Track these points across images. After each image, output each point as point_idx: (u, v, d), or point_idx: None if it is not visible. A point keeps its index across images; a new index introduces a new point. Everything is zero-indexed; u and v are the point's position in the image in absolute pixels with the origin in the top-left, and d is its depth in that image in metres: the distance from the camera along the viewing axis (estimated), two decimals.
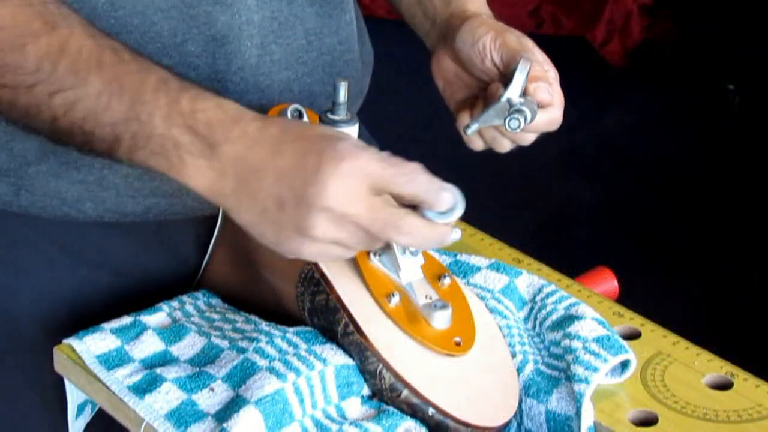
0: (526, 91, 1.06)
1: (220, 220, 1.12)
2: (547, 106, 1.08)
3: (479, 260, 1.12)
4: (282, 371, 0.95)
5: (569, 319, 1.04)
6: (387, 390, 0.96)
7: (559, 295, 1.08)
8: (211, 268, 1.15)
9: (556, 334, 1.03)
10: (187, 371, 0.99)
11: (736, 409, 0.99)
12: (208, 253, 1.14)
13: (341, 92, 1.02)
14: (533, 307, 1.08)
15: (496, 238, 1.21)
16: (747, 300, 2.67)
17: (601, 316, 1.05)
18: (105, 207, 1.11)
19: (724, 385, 1.02)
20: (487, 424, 0.96)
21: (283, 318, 1.04)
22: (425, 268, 1.02)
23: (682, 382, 1.02)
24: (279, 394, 0.94)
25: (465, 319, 1.01)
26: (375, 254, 1.01)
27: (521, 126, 1.04)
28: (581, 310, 1.05)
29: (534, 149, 1.15)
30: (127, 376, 0.99)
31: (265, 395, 0.94)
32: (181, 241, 1.16)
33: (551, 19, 3.80)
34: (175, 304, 1.08)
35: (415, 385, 0.95)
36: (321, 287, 1.00)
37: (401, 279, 1.01)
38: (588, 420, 0.96)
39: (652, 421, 0.98)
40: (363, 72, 1.25)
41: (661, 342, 1.07)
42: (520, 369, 1.01)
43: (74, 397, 1.06)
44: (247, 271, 1.10)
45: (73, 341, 1.03)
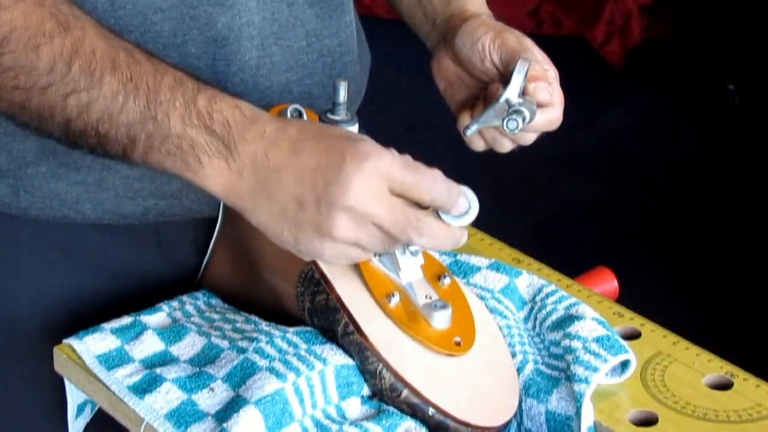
0: (525, 91, 1.06)
1: (219, 221, 1.12)
2: (547, 105, 1.07)
3: (479, 260, 1.12)
4: (282, 371, 0.95)
5: (569, 319, 1.04)
6: (387, 390, 0.96)
7: (559, 295, 1.08)
8: (211, 268, 1.15)
9: (556, 334, 1.03)
10: (187, 371, 0.99)
11: (736, 409, 0.99)
12: (208, 254, 1.14)
13: (341, 92, 1.02)
14: (533, 307, 1.08)
15: (496, 238, 1.21)
16: (747, 300, 2.67)
17: (601, 316, 1.05)
18: (104, 208, 1.11)
19: (724, 385, 1.02)
20: (487, 424, 0.96)
21: (283, 318, 1.04)
22: (425, 268, 1.02)
23: (682, 382, 1.02)
24: (279, 394, 0.94)
25: (465, 319, 1.00)
26: (375, 254, 1.01)
27: (519, 127, 1.04)
28: (581, 310, 1.05)
29: (534, 149, 1.15)
30: (127, 376, 0.99)
31: (265, 395, 0.94)
32: (179, 243, 1.15)
33: (551, 19, 3.80)
34: (175, 304, 1.08)
35: (415, 384, 0.95)
36: (321, 287, 1.00)
37: (401, 279, 1.00)
38: (588, 420, 0.96)
39: (652, 421, 0.98)
40: (361, 73, 1.25)
41: (661, 342, 1.07)
42: (520, 369, 1.01)
43: (74, 397, 1.06)
44: (247, 271, 1.10)
45: (73, 341, 1.03)
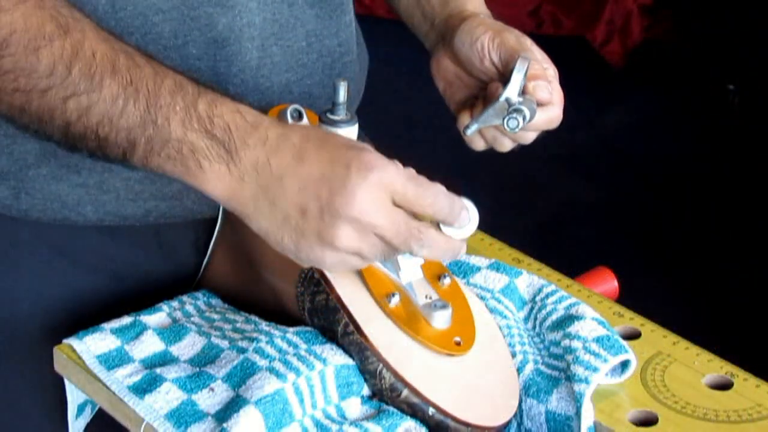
0: (525, 90, 1.06)
1: (219, 221, 1.12)
2: (547, 104, 1.07)
3: (479, 260, 1.12)
4: (282, 371, 0.95)
5: (569, 319, 1.04)
6: (387, 390, 0.96)
7: (559, 295, 1.08)
8: (211, 268, 1.15)
9: (556, 334, 1.03)
10: (187, 371, 0.99)
11: (736, 409, 0.99)
12: (208, 255, 1.14)
13: (341, 92, 1.02)
14: (533, 307, 1.08)
15: (496, 238, 1.21)
16: (747, 300, 2.67)
17: (601, 316, 1.05)
18: (105, 210, 1.10)
19: (724, 385, 1.02)
20: (488, 423, 0.96)
21: (283, 318, 1.04)
22: (425, 268, 1.02)
23: (682, 382, 1.02)
24: (279, 394, 0.94)
25: (465, 319, 1.00)
26: None
27: (520, 126, 1.04)
28: (581, 310, 1.05)
29: (534, 149, 1.15)
30: (127, 376, 0.99)
31: (265, 395, 0.94)
32: (179, 244, 1.15)
33: (551, 19, 3.80)
34: (175, 304, 1.08)
35: (415, 384, 0.95)
36: (321, 287, 1.00)
37: (401, 279, 1.00)
38: (588, 420, 0.96)
39: (652, 421, 0.98)
40: (360, 73, 1.25)
41: (661, 342, 1.07)
42: (520, 369, 1.01)
43: (74, 397, 1.06)
44: (247, 271, 1.10)
45: (73, 341, 1.03)
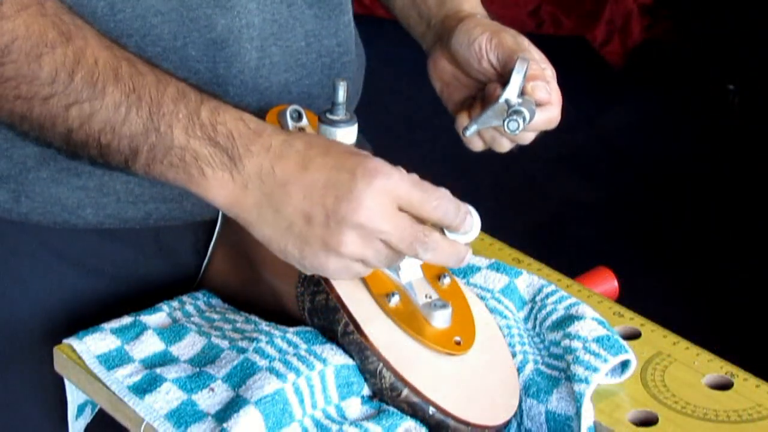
0: (524, 91, 1.06)
1: (219, 222, 1.12)
2: (546, 104, 1.07)
3: (479, 260, 1.12)
4: (282, 371, 0.95)
5: (569, 319, 1.04)
6: (387, 389, 0.96)
7: (559, 295, 1.08)
8: (211, 268, 1.15)
9: (556, 334, 1.03)
10: (187, 371, 0.99)
11: (736, 409, 0.99)
12: (207, 256, 1.14)
13: (340, 92, 1.02)
14: (533, 307, 1.08)
15: (496, 238, 1.21)
16: (747, 300, 2.67)
17: (601, 316, 1.05)
18: (105, 213, 1.10)
19: (724, 385, 1.02)
20: (488, 423, 0.96)
21: (283, 318, 1.04)
22: (425, 267, 1.02)
23: (682, 382, 1.02)
24: (279, 394, 0.94)
25: (465, 319, 1.00)
26: None
27: (520, 128, 1.04)
28: (581, 310, 1.05)
29: (534, 149, 1.15)
30: (127, 376, 0.99)
31: (265, 395, 0.94)
32: (179, 247, 1.15)
33: (551, 19, 3.80)
34: (175, 304, 1.08)
35: (415, 384, 0.95)
36: (321, 287, 1.00)
37: (401, 278, 1.01)
38: (588, 420, 0.96)
39: (652, 421, 0.98)
40: (358, 73, 1.25)
41: (661, 342, 1.07)
42: (520, 369, 1.01)
43: (74, 397, 1.06)
44: (247, 271, 1.10)
45: (73, 341, 1.03)
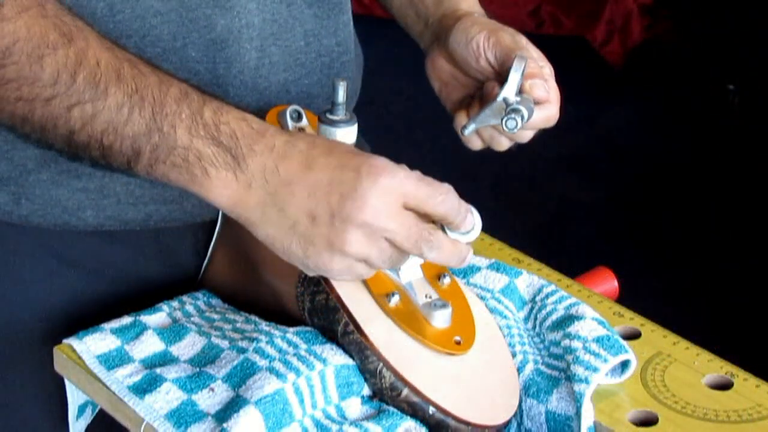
0: (522, 89, 1.06)
1: (219, 223, 1.12)
2: (544, 102, 1.07)
3: (479, 260, 1.12)
4: (282, 371, 0.95)
5: (569, 319, 1.04)
6: (387, 389, 0.96)
7: (559, 295, 1.08)
8: (211, 269, 1.14)
9: (556, 334, 1.03)
10: (187, 371, 0.99)
11: (736, 409, 0.99)
12: (207, 257, 1.14)
13: (340, 92, 1.02)
14: (533, 307, 1.08)
15: (496, 238, 1.21)
16: (747, 300, 2.67)
17: (601, 316, 1.05)
18: (106, 215, 1.10)
19: (724, 385, 1.02)
20: (488, 422, 0.96)
21: (283, 318, 1.04)
22: (425, 267, 1.02)
23: (682, 382, 1.02)
24: (279, 394, 0.94)
25: (465, 319, 1.00)
26: None
27: (518, 126, 1.04)
28: (581, 310, 1.05)
29: (534, 149, 1.15)
30: (127, 376, 0.99)
31: (265, 395, 0.94)
32: (179, 248, 1.15)
33: (551, 19, 3.80)
34: (175, 304, 1.08)
35: (415, 383, 0.95)
36: (321, 287, 1.00)
37: (401, 278, 1.00)
38: (588, 420, 0.96)
39: (652, 421, 0.98)
40: (357, 72, 1.25)
41: (661, 342, 1.07)
42: (520, 369, 1.01)
43: (75, 398, 1.06)
44: (247, 271, 1.10)
45: (72, 341, 1.03)
